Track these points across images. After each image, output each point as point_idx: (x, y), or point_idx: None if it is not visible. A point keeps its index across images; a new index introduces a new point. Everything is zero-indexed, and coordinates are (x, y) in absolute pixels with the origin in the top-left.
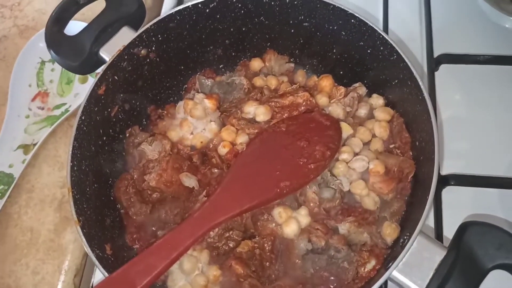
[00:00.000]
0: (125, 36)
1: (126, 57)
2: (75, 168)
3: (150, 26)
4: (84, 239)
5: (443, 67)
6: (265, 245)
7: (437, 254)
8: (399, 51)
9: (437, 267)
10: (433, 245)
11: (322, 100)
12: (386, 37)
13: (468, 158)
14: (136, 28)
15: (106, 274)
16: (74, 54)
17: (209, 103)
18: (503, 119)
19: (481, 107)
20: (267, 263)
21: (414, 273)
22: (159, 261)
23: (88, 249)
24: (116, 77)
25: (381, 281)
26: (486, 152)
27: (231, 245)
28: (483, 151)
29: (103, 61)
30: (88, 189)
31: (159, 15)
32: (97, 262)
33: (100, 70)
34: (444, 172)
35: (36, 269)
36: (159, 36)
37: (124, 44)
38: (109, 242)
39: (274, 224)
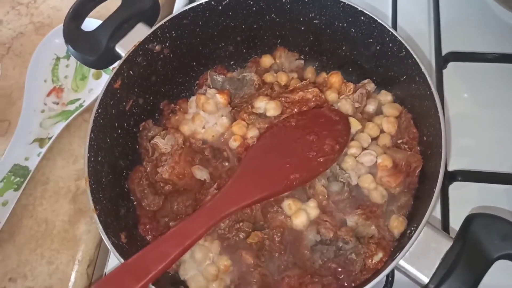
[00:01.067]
0: (140, 32)
1: (141, 52)
2: (92, 159)
3: (165, 22)
4: (100, 227)
5: (451, 65)
6: (275, 236)
7: (444, 245)
8: (408, 47)
9: (443, 256)
10: (440, 236)
11: (331, 96)
12: (395, 34)
13: (475, 155)
14: (150, 24)
15: (122, 261)
16: (91, 49)
17: (220, 98)
18: (510, 116)
19: (489, 104)
20: (276, 254)
21: (420, 263)
22: (173, 249)
23: (104, 236)
24: (131, 72)
25: (388, 270)
26: (493, 149)
27: (241, 236)
28: (490, 148)
29: (119, 56)
30: (103, 180)
31: (171, 12)
32: (113, 249)
33: (116, 64)
34: (451, 168)
35: (50, 259)
36: (173, 32)
37: (139, 40)
38: (123, 231)
39: (283, 216)
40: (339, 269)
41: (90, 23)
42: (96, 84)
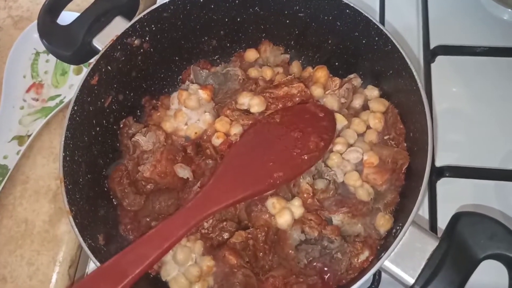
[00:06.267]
0: (118, 26)
1: (119, 47)
2: (68, 159)
3: (144, 16)
4: (76, 229)
5: (439, 59)
6: (259, 235)
7: (429, 244)
8: (394, 41)
9: (429, 257)
10: (426, 236)
11: (317, 91)
12: (381, 27)
13: (464, 150)
14: (129, 18)
15: (98, 264)
16: (66, 44)
17: (203, 94)
18: (499, 110)
19: (477, 99)
20: (261, 253)
21: (406, 263)
22: (151, 251)
23: (80, 239)
24: (109, 67)
25: (372, 271)
26: (482, 144)
27: (225, 236)
28: (479, 143)
29: (96, 51)
30: (81, 180)
31: (154, 4)
32: (89, 252)
33: (93, 60)
34: (439, 163)
35: (31, 260)
36: (152, 26)
37: (117, 34)
38: (102, 233)
39: (267, 215)
40: (325, 269)
41: (67, 17)
42: (77, 80)
